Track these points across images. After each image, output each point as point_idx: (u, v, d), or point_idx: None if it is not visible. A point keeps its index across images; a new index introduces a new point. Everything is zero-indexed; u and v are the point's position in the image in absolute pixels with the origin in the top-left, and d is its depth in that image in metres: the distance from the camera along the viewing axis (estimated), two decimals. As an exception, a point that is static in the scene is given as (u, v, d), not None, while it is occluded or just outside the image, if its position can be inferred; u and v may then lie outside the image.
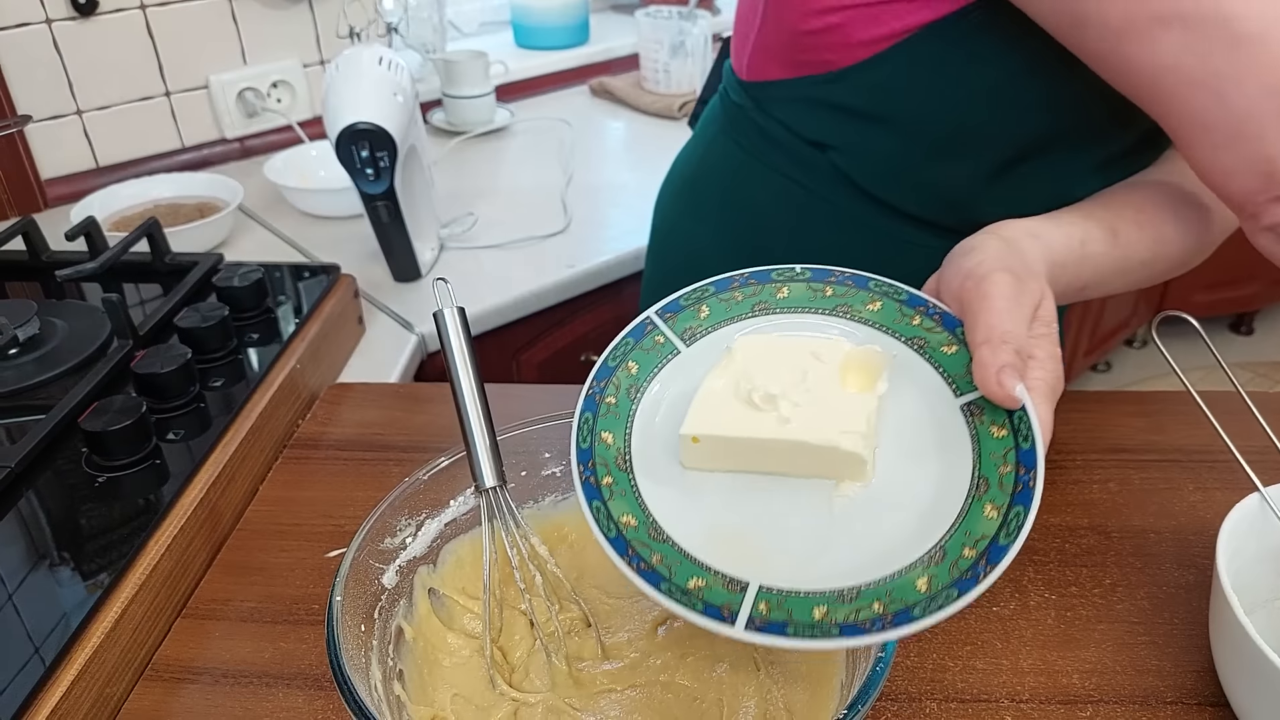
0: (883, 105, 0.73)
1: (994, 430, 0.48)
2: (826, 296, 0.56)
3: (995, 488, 0.46)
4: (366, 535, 0.53)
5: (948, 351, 0.52)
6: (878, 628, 0.43)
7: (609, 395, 0.54)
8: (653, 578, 0.47)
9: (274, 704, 0.61)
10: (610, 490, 0.51)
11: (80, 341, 0.85)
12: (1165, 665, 0.61)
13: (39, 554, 0.65)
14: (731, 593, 0.46)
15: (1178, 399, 0.87)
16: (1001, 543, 0.44)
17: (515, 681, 0.56)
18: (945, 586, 0.44)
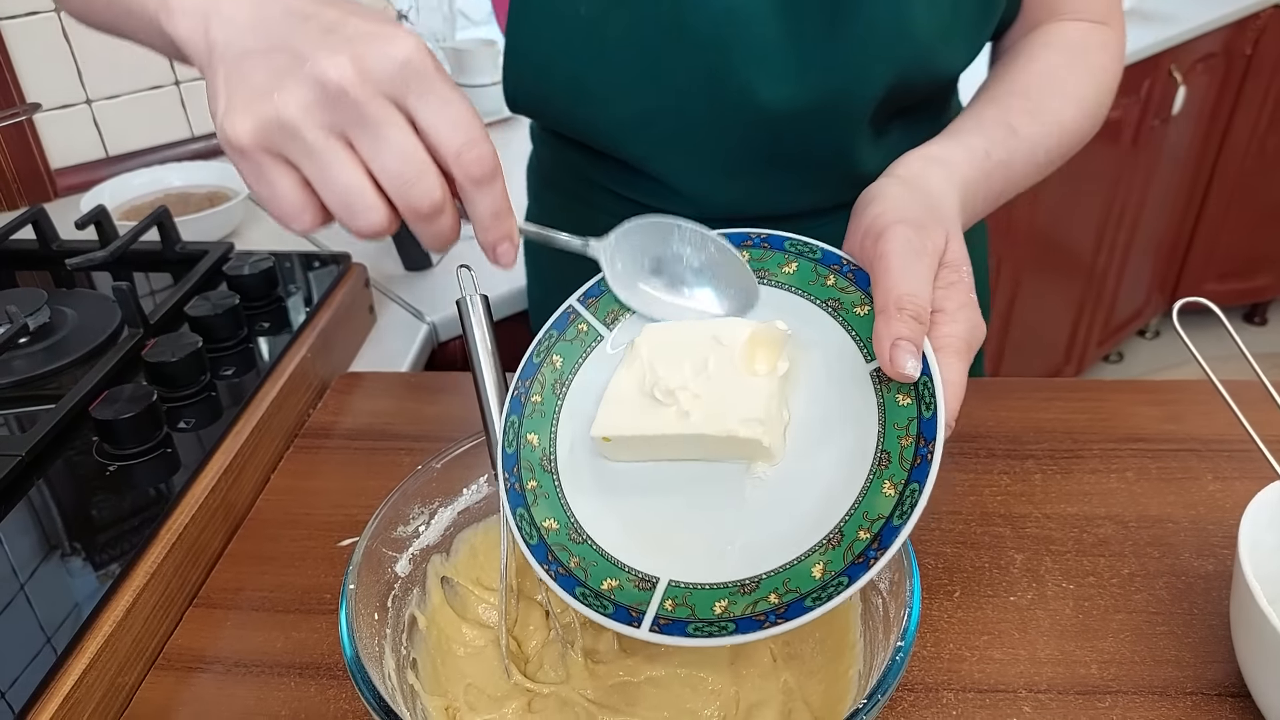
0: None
1: (900, 398, 0.46)
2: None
3: (895, 462, 0.44)
4: (379, 523, 0.53)
5: (860, 313, 0.50)
6: (771, 621, 0.42)
7: (534, 394, 0.54)
8: (569, 583, 0.47)
9: (286, 693, 0.61)
10: (534, 494, 0.51)
11: (90, 331, 0.84)
12: (1185, 656, 0.61)
13: (50, 543, 0.65)
14: (642, 591, 0.46)
15: (1194, 388, 0.86)
16: (895, 523, 0.42)
17: (530, 672, 0.55)
18: (838, 574, 0.43)
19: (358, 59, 0.40)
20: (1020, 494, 0.74)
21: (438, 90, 0.42)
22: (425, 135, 0.42)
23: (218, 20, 0.43)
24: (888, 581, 0.50)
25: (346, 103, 0.40)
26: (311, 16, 0.42)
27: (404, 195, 0.42)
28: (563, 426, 0.53)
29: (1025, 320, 2.15)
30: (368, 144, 0.41)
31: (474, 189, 0.43)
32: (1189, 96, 2.10)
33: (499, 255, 0.47)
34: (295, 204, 0.43)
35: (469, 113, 0.42)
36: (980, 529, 0.71)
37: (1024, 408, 0.82)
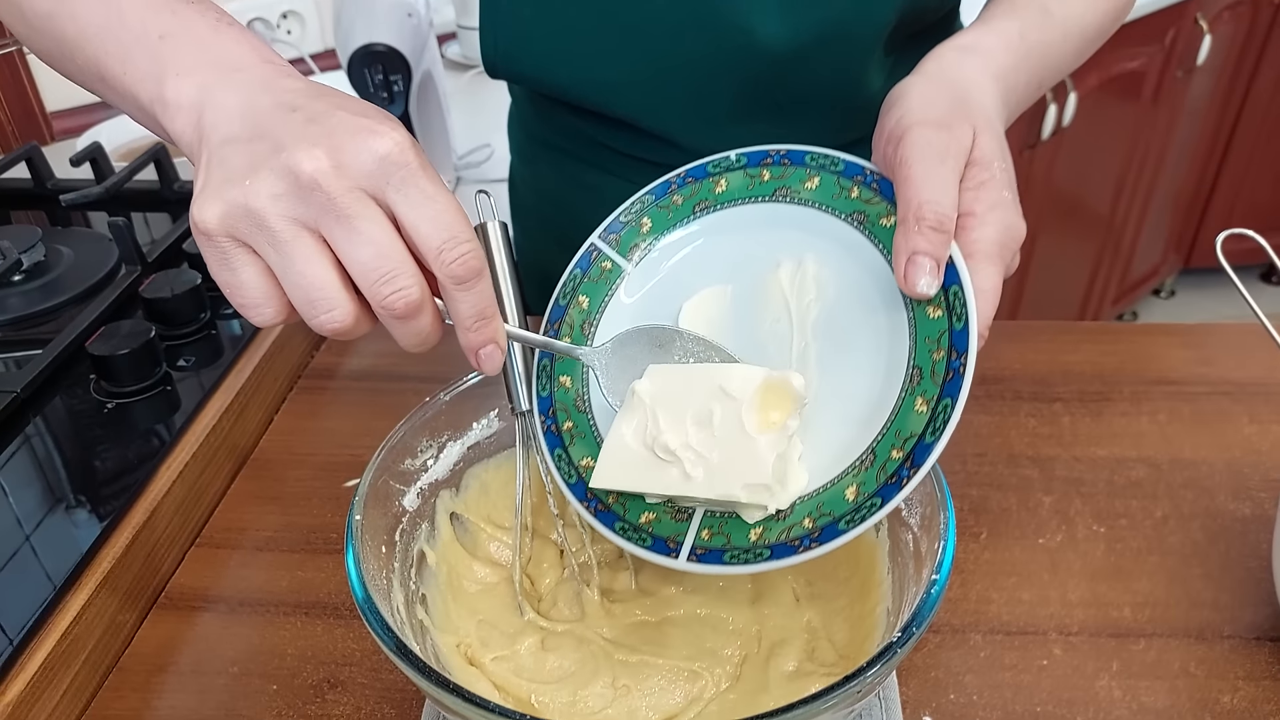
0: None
1: (930, 311, 0.44)
2: (764, 182, 0.52)
3: (928, 378, 0.42)
4: (386, 454, 0.51)
5: (886, 225, 0.47)
6: (805, 545, 0.42)
7: (563, 336, 0.53)
8: (608, 518, 0.48)
9: (292, 632, 0.59)
10: (570, 435, 0.51)
11: (87, 269, 0.82)
12: (1222, 598, 0.58)
13: (47, 481, 0.63)
14: (678, 522, 0.46)
15: (1226, 331, 0.83)
16: (927, 440, 0.41)
17: (543, 610, 0.53)
18: (870, 495, 0.42)
19: (335, 151, 0.38)
20: (1048, 436, 0.71)
21: (419, 185, 0.39)
22: (405, 232, 0.39)
23: (210, 109, 0.41)
24: (919, 516, 0.48)
25: (319, 195, 0.38)
26: (300, 108, 0.40)
27: (378, 292, 0.39)
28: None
29: (1040, 278, 2.11)
30: (340, 237, 0.38)
31: (456, 289, 0.41)
32: (1214, 46, 2.05)
33: (482, 361, 0.43)
34: (257, 295, 0.40)
35: (452, 209, 0.40)
36: (1007, 471, 0.68)
37: (1051, 350, 0.80)
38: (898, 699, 0.52)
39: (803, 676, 0.48)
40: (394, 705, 0.54)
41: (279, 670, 0.56)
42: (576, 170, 0.81)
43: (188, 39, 0.44)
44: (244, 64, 0.43)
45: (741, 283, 0.51)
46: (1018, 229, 0.47)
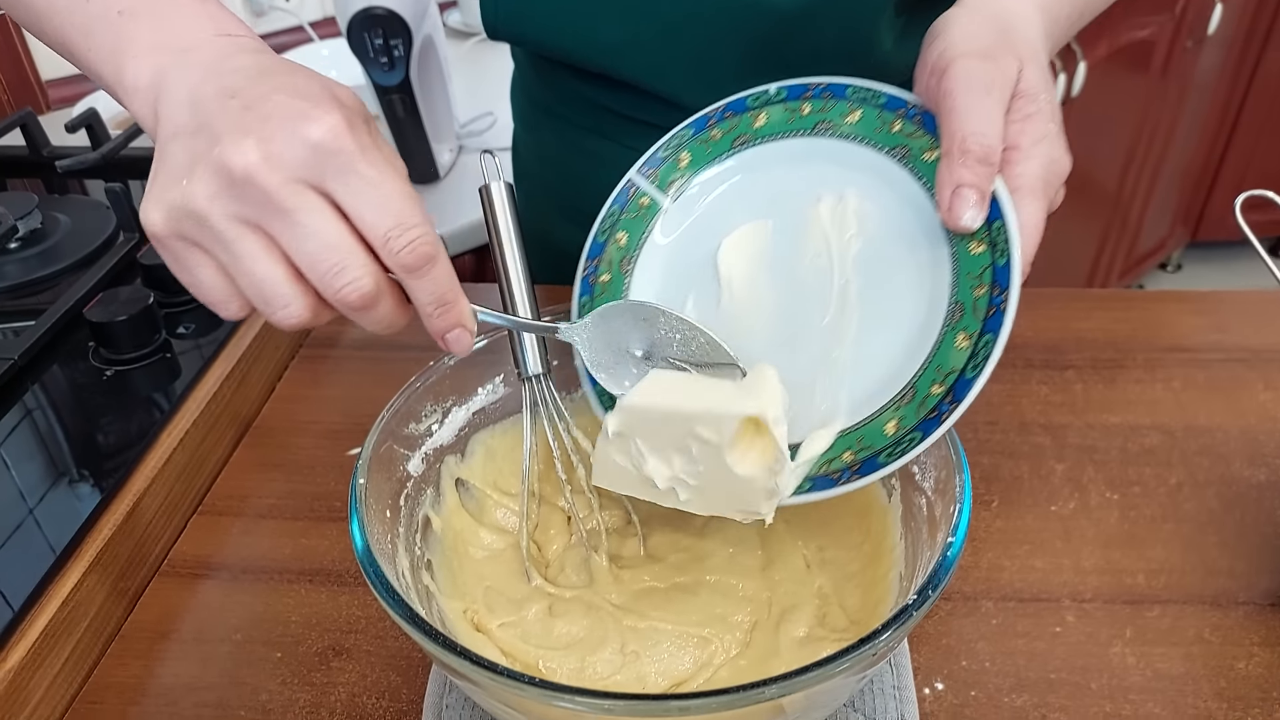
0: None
1: (972, 247, 0.43)
2: (804, 116, 0.51)
3: (969, 313, 0.42)
4: (390, 418, 0.50)
5: (929, 159, 0.46)
6: (845, 478, 0.42)
7: (602, 273, 0.53)
8: None
9: (295, 599, 0.58)
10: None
11: (84, 236, 0.81)
12: (1238, 565, 0.58)
13: (46, 449, 0.62)
14: None
15: (1241, 298, 0.82)
16: (968, 376, 0.41)
17: (550, 577, 0.53)
18: (910, 429, 0.42)
19: (265, 142, 0.36)
20: (1061, 404, 0.70)
21: (359, 171, 0.37)
22: (351, 221, 0.37)
23: (165, 97, 0.39)
24: (933, 480, 0.47)
25: (253, 191, 0.36)
26: (239, 93, 0.38)
27: (328, 286, 0.37)
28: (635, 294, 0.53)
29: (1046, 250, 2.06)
30: (282, 232, 0.37)
31: (409, 277, 0.39)
32: (1225, 16, 2.02)
33: (450, 344, 0.42)
34: (218, 293, 0.39)
35: (398, 193, 0.37)
36: (1019, 439, 0.67)
37: (1064, 317, 0.79)
38: (909, 666, 0.51)
39: (814, 642, 0.47)
40: (400, 673, 0.54)
41: (283, 638, 0.56)
42: (579, 136, 0.80)
43: (146, 13, 0.42)
44: (197, 41, 0.41)
45: (781, 218, 0.50)
46: (1063, 164, 0.46)
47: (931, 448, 0.47)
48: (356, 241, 0.37)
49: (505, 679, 0.37)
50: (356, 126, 0.38)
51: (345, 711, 0.52)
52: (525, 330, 0.50)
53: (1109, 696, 0.51)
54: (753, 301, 0.50)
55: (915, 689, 0.50)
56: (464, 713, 0.50)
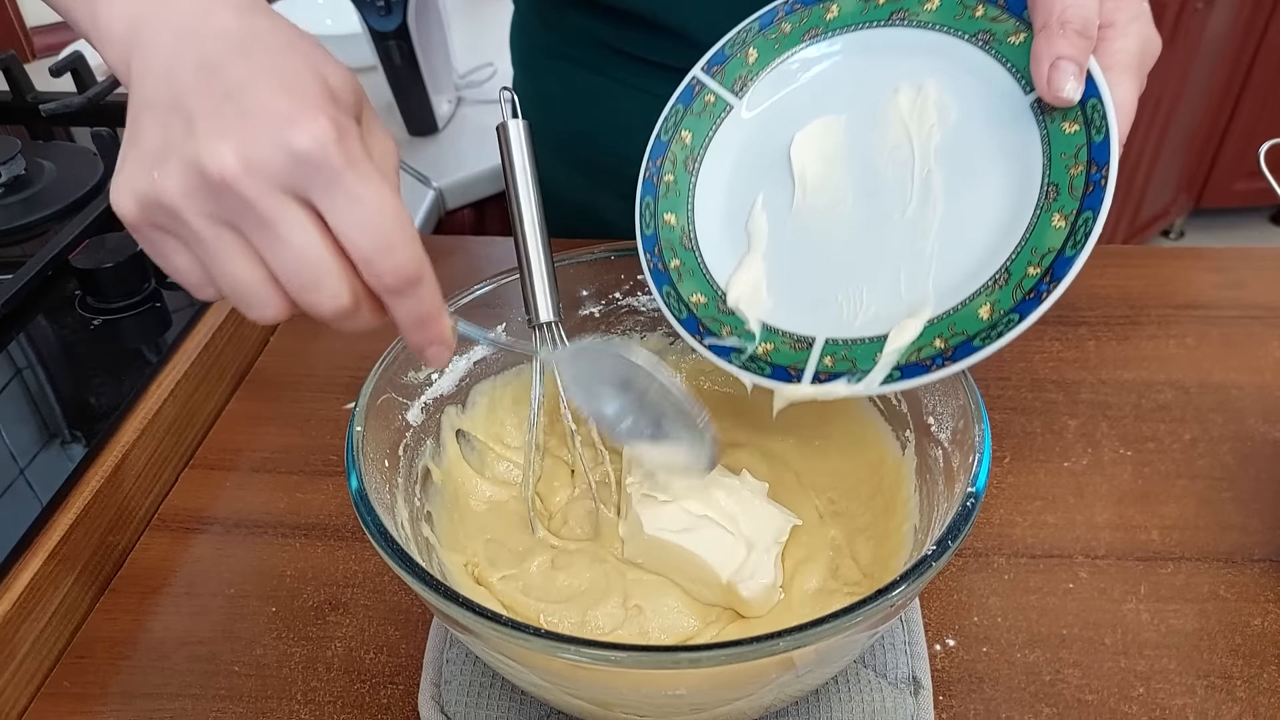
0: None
1: (1065, 127, 0.42)
2: (879, 6, 0.49)
3: (1065, 193, 0.41)
4: (388, 365, 0.48)
5: (1014, 42, 0.45)
6: (938, 364, 0.42)
7: (666, 173, 0.52)
8: (723, 351, 0.48)
9: (291, 554, 0.57)
10: (679, 272, 0.50)
11: (70, 183, 0.78)
12: (1252, 522, 0.57)
13: (32, 399, 0.61)
14: (798, 351, 0.46)
15: (1257, 255, 0.80)
16: (1067, 254, 0.40)
17: (554, 529, 0.51)
18: (1007, 311, 0.41)
19: (244, 147, 0.33)
20: (1073, 360, 0.69)
21: (345, 186, 0.34)
22: (333, 234, 0.35)
23: (139, 55, 0.36)
24: (949, 431, 0.46)
25: (229, 196, 0.34)
26: (219, 71, 0.34)
27: (303, 299, 0.35)
28: (700, 202, 0.51)
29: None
30: (259, 241, 0.35)
31: (391, 298, 0.36)
32: (1235, -24, 1.98)
33: (429, 359, 0.40)
34: (196, 279, 0.37)
35: (386, 210, 0.34)
36: (1031, 395, 0.66)
37: (1075, 273, 0.77)
38: (920, 622, 0.50)
39: (826, 594, 0.46)
40: (398, 627, 0.52)
41: (278, 592, 0.55)
42: (583, 79, 0.77)
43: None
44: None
45: (856, 112, 0.49)
46: (1155, 43, 0.45)
47: (948, 398, 0.46)
48: (336, 255, 0.35)
49: (509, 630, 0.35)
50: (346, 132, 0.35)
51: (342, 666, 0.51)
52: (502, 348, 0.50)
53: (1123, 652, 0.50)
54: (829, 197, 0.48)
55: (926, 645, 0.49)
56: (465, 667, 0.48)
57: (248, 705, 0.49)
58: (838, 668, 0.45)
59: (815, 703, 0.46)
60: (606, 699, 0.40)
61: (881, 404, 0.51)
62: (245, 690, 0.49)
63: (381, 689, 0.49)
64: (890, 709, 0.46)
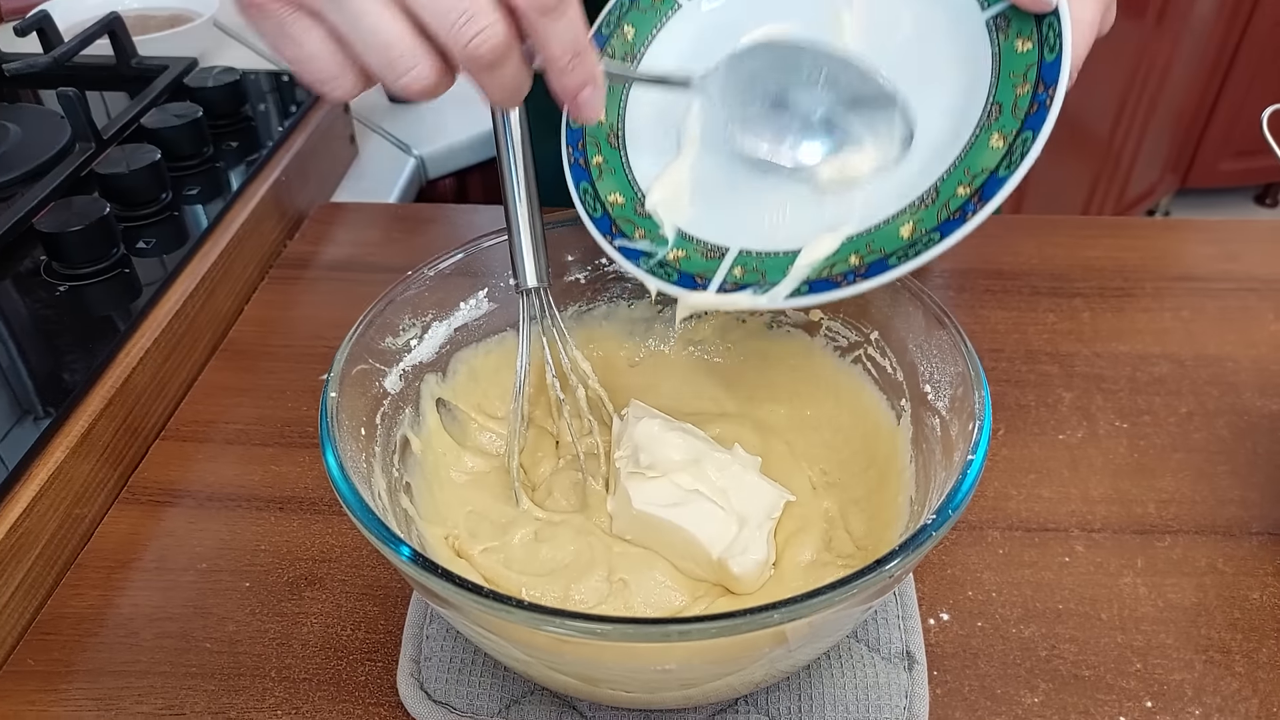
0: None
1: (1019, 44, 0.41)
2: None
3: (1008, 112, 0.39)
4: (364, 329, 0.46)
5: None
6: (849, 280, 0.40)
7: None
8: (632, 254, 0.46)
9: (265, 527, 0.55)
10: (599, 169, 0.48)
11: (36, 146, 0.75)
12: (1249, 495, 0.56)
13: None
14: (709, 260, 0.45)
15: (1252, 227, 0.79)
16: (1000, 174, 0.38)
17: (538, 500, 0.49)
18: (929, 231, 0.39)
19: None
20: (1068, 332, 0.67)
21: None
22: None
23: None
24: (947, 399, 0.44)
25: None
26: None
27: (456, 39, 0.33)
28: (633, 101, 0.49)
29: (1036, 197, 2.06)
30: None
31: (542, 20, 0.34)
32: (1224, -46, 1.97)
33: (581, 105, 0.37)
34: (329, 65, 0.35)
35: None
36: (1025, 367, 0.65)
37: (1070, 245, 0.76)
38: (914, 596, 0.49)
39: (819, 567, 0.44)
40: (376, 603, 0.51)
41: (252, 567, 0.53)
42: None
43: None
44: None
45: (805, 18, 0.47)
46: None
47: (946, 365, 0.45)
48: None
49: (490, 602, 0.34)
50: None
51: (318, 643, 0.49)
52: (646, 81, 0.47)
53: (1120, 627, 0.49)
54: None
55: (920, 619, 0.48)
56: (446, 643, 0.47)
57: (219, 683, 0.47)
58: (831, 642, 0.43)
59: (807, 678, 0.45)
60: (592, 674, 0.39)
61: (876, 372, 0.50)
62: (217, 668, 0.48)
63: (359, 666, 0.48)
64: (884, 684, 0.45)
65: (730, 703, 0.45)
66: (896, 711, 0.44)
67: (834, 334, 0.52)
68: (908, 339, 0.48)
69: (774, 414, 0.53)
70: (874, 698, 0.44)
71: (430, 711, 0.44)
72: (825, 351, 0.53)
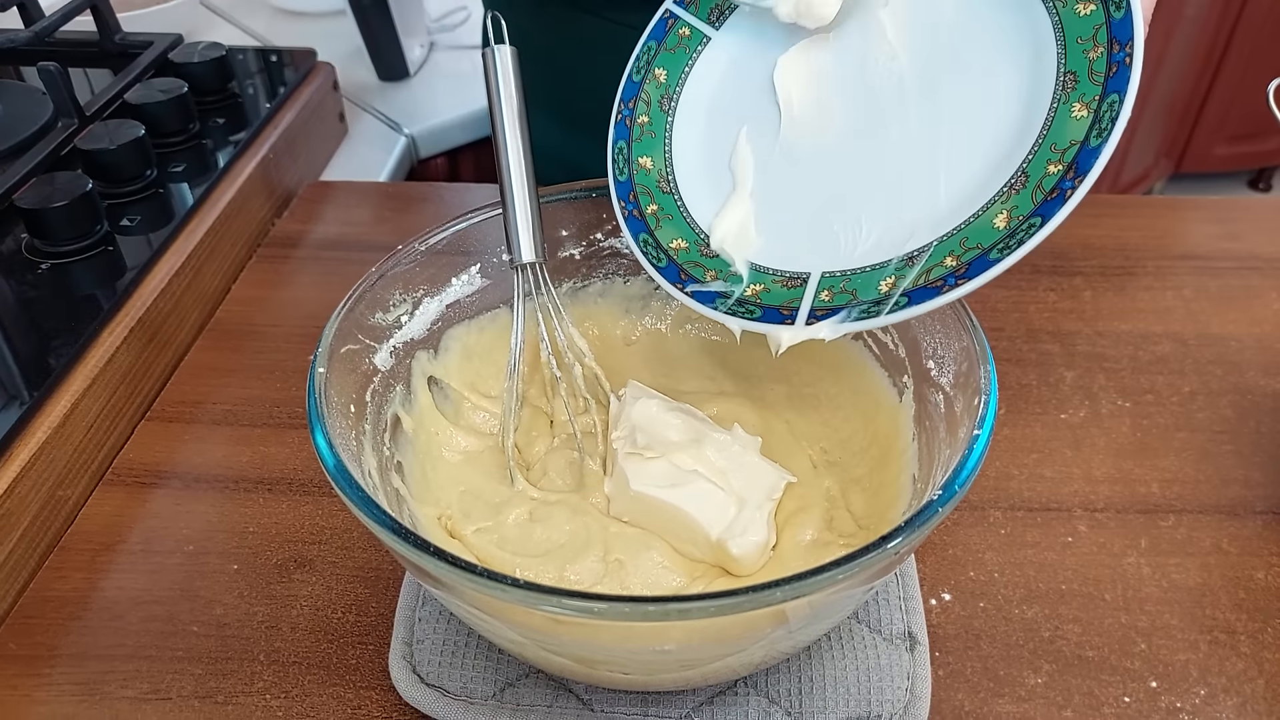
0: None
1: (1079, 9, 0.39)
2: None
3: (1085, 80, 0.38)
4: (353, 304, 0.45)
5: None
6: (950, 284, 0.38)
7: (640, 115, 0.48)
8: (707, 297, 0.44)
9: (253, 509, 0.54)
10: (656, 218, 0.47)
11: (17, 123, 0.74)
12: (1254, 475, 0.55)
13: (-24, 345, 0.57)
14: (791, 289, 0.43)
15: (1253, 206, 0.79)
16: (1092, 144, 0.37)
17: (532, 480, 0.48)
18: (1027, 216, 0.37)
19: None
20: (1069, 311, 0.67)
21: None
22: None
23: None
24: (951, 375, 0.43)
25: None
26: None
27: None
28: (678, 142, 0.48)
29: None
30: None
31: None
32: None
33: None
34: None
35: None
36: (1026, 346, 0.64)
37: (1070, 224, 0.72)
38: (915, 576, 0.48)
39: (820, 547, 0.44)
40: (367, 585, 0.50)
41: (240, 549, 0.52)
42: (562, 16, 0.74)
43: None
44: None
45: (843, 26, 0.45)
46: None
47: (950, 340, 0.44)
48: None
49: (484, 581, 0.33)
50: None
51: (308, 625, 0.48)
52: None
53: (1124, 608, 0.48)
54: (818, 122, 0.45)
55: (922, 600, 0.47)
56: (439, 625, 0.46)
57: (206, 667, 0.46)
58: (832, 623, 0.42)
59: (808, 659, 0.44)
60: (589, 655, 0.38)
61: (878, 349, 0.49)
62: (204, 651, 0.47)
63: (350, 649, 0.47)
64: (885, 665, 0.44)
65: (729, 684, 0.44)
66: (898, 693, 0.43)
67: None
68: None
69: (773, 392, 0.52)
70: (875, 679, 0.43)
71: (423, 695, 0.43)
72: (825, 328, 0.51)
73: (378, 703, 0.44)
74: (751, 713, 0.43)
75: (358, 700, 0.45)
